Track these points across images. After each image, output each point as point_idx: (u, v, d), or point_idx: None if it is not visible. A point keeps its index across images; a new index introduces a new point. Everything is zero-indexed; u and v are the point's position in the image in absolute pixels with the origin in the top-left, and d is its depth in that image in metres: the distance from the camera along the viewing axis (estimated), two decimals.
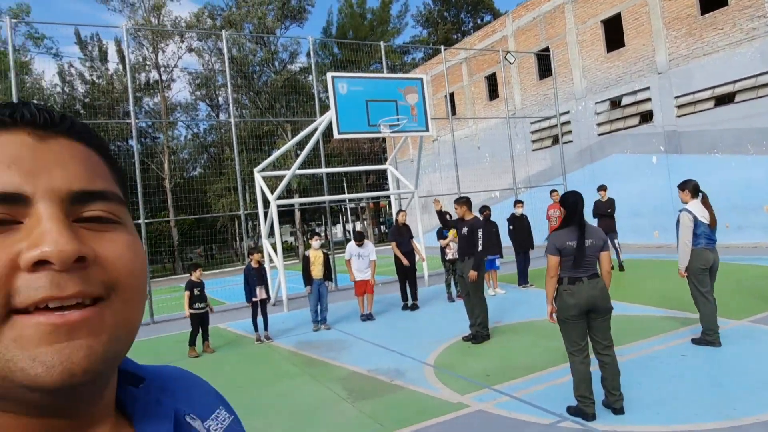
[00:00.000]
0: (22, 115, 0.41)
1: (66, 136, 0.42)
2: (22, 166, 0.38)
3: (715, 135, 12.98)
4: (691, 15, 13.36)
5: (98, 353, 0.37)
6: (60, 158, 0.40)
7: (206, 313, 6.93)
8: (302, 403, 4.45)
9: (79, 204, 0.40)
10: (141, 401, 0.48)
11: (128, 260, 0.41)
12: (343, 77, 8.17)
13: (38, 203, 0.38)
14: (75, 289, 0.36)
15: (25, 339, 0.35)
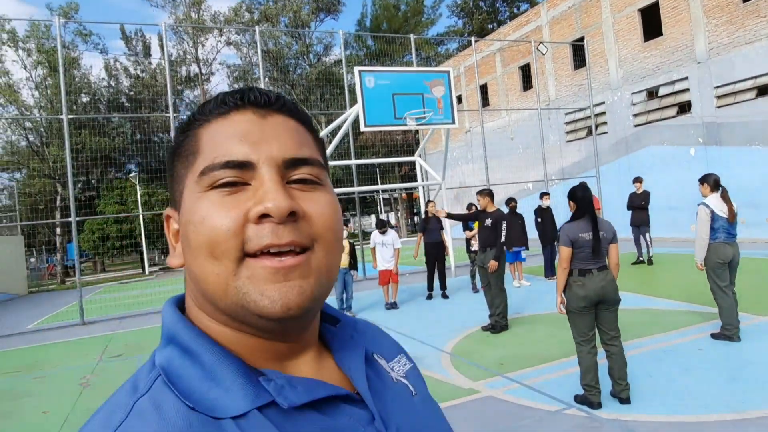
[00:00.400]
0: (249, 98, 0.50)
1: (280, 112, 0.51)
2: (249, 139, 0.48)
3: (757, 127, 12.47)
4: (732, 2, 12.82)
5: (307, 292, 0.45)
6: (276, 131, 0.49)
7: None
8: None
9: (291, 168, 0.48)
10: (338, 336, 0.57)
11: (328, 217, 0.48)
12: (371, 71, 8.32)
13: (261, 168, 0.47)
14: (289, 238, 0.45)
15: (256, 277, 0.44)
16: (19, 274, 19.47)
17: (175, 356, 0.47)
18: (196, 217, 0.46)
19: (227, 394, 0.44)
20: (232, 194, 0.46)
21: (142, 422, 0.41)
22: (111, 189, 29.83)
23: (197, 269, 0.46)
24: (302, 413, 0.46)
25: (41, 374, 6.12)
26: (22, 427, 4.33)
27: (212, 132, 0.49)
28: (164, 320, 0.51)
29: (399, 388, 0.57)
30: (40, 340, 8.46)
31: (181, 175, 0.51)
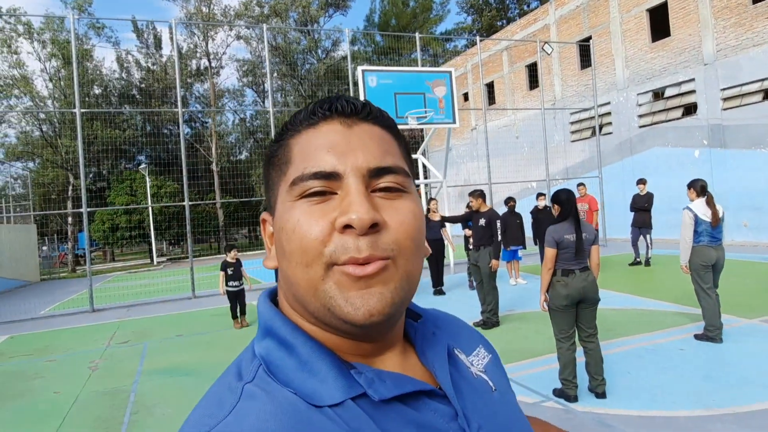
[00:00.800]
0: (336, 107, 0.52)
1: (366, 120, 0.53)
2: (337, 150, 0.49)
3: (762, 130, 12.49)
4: (741, 4, 12.81)
5: (388, 299, 0.47)
6: (361, 141, 0.50)
7: (241, 291, 7.52)
8: None
9: (376, 177, 0.50)
10: (420, 332, 0.59)
11: (409, 225, 0.49)
12: (374, 71, 8.50)
13: (348, 178, 0.48)
14: (367, 252, 0.46)
15: (341, 284, 0.46)
16: (31, 261, 19.93)
17: (273, 348, 0.50)
18: (288, 226, 0.49)
19: (322, 384, 0.47)
20: (320, 203, 0.48)
21: (256, 403, 0.44)
22: (121, 180, 30.27)
23: (290, 274, 0.49)
24: (390, 406, 0.48)
25: (53, 358, 6.42)
26: (35, 406, 4.60)
27: (302, 142, 0.51)
28: (261, 313, 0.55)
29: (479, 383, 0.58)
30: (51, 326, 8.79)
31: (274, 182, 0.54)
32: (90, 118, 29.78)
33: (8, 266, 16.49)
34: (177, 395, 4.64)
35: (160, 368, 5.56)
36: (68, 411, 4.38)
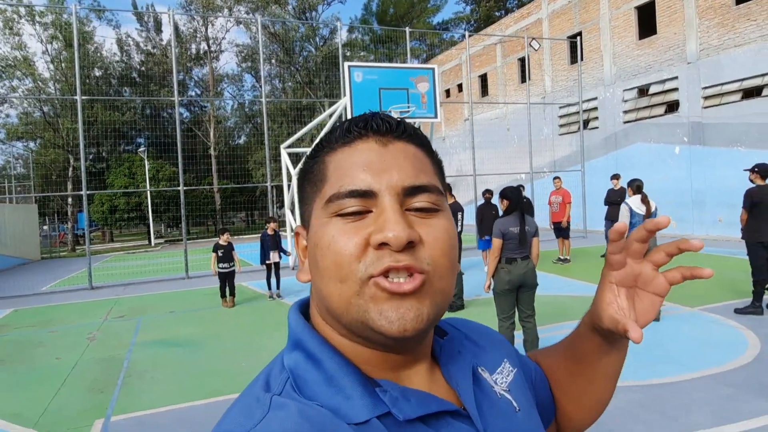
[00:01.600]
0: (372, 126, 0.53)
1: (401, 139, 0.54)
2: (372, 168, 0.51)
3: (740, 129, 12.94)
4: (725, 4, 13.17)
5: (423, 315, 0.48)
6: (396, 160, 0.52)
7: (231, 272, 8.04)
8: None
9: (410, 196, 0.51)
10: (445, 350, 0.59)
11: (443, 242, 0.51)
12: (359, 66, 8.93)
13: (383, 197, 0.50)
14: (406, 261, 0.47)
15: (377, 298, 0.48)
16: (32, 240, 20.46)
17: (301, 360, 0.51)
18: (323, 242, 0.49)
19: (348, 401, 0.48)
20: (355, 221, 0.49)
21: (284, 414, 0.45)
22: (120, 162, 30.69)
23: (324, 288, 0.50)
24: (414, 426, 0.48)
25: (54, 329, 6.98)
26: (38, 370, 5.15)
27: (338, 160, 0.52)
28: (291, 325, 0.56)
29: (503, 403, 0.58)
30: (53, 301, 9.35)
31: (309, 197, 0.55)
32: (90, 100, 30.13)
33: (11, 244, 17.03)
34: (166, 362, 5.19)
35: (152, 340, 6.11)
36: (68, 374, 4.93)
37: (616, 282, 0.58)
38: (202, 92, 36.59)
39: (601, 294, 0.59)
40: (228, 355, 5.35)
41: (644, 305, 0.57)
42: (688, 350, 4.67)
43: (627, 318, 0.56)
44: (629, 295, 0.58)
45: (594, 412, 0.73)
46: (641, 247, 0.56)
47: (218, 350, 5.57)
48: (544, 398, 0.71)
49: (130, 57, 35.99)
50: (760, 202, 5.47)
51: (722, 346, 4.70)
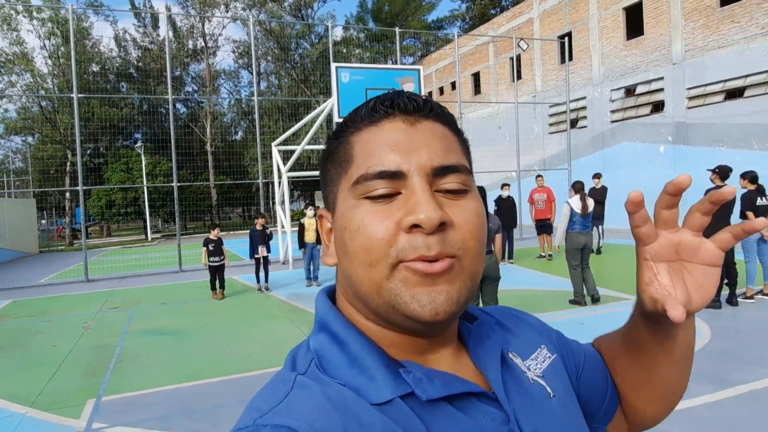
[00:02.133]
0: (398, 104, 0.51)
1: (428, 118, 0.52)
2: (401, 149, 0.49)
3: (722, 129, 13.25)
4: (710, 6, 13.46)
5: (453, 297, 0.47)
6: (425, 139, 0.50)
7: (221, 266, 8.36)
8: (274, 337, 5.79)
9: (439, 176, 0.49)
10: (474, 335, 0.58)
11: (473, 224, 0.49)
12: (346, 67, 9.23)
13: (412, 178, 0.48)
14: (437, 250, 0.46)
15: (408, 281, 0.47)
16: (31, 234, 20.75)
17: (326, 342, 0.52)
18: (351, 225, 0.49)
19: (370, 382, 0.48)
20: (385, 204, 0.48)
21: (307, 392, 0.46)
22: (118, 158, 30.93)
23: (352, 272, 0.50)
24: (439, 406, 0.48)
25: (51, 319, 7.30)
26: (35, 356, 5.47)
27: (364, 140, 0.51)
28: (318, 308, 0.56)
29: (535, 389, 0.56)
30: (50, 293, 9.66)
31: (334, 179, 0.54)
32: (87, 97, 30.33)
33: (9, 238, 17.32)
34: (157, 349, 5.52)
35: (144, 329, 6.43)
36: (63, 360, 5.25)
37: (651, 258, 0.53)
38: (199, 88, 36.83)
39: (639, 274, 0.54)
40: (215, 343, 5.68)
41: (696, 279, 0.51)
42: None
43: (667, 295, 0.51)
44: (673, 270, 0.52)
45: (664, 404, 0.68)
46: (671, 214, 0.52)
47: (206, 339, 5.90)
48: (598, 385, 0.67)
49: (128, 53, 36.16)
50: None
51: None
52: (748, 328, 5.14)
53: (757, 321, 5.38)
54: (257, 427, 0.43)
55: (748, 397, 3.54)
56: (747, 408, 3.37)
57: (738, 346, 4.62)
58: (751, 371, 3.97)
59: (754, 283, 6.12)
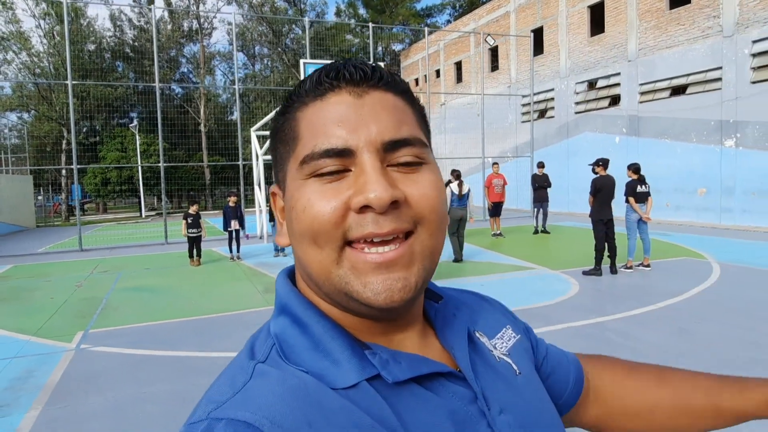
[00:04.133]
0: (344, 75, 0.48)
1: (378, 88, 0.49)
2: (348, 124, 0.46)
3: (667, 122, 14.38)
4: (660, 8, 14.47)
5: (411, 283, 0.45)
6: (374, 112, 0.47)
7: (198, 237, 9.54)
8: (234, 294, 7.00)
9: (391, 151, 0.46)
10: (440, 314, 0.57)
11: (431, 198, 0.47)
12: (313, 63, 10.31)
13: (361, 155, 0.45)
14: (390, 227, 0.44)
15: (358, 269, 0.45)
16: (27, 209, 21.85)
17: (287, 326, 0.50)
18: (298, 205, 0.47)
19: (335, 366, 0.46)
20: (332, 182, 0.46)
21: (266, 382, 0.44)
22: (113, 137, 31.88)
23: (301, 254, 0.48)
24: (407, 387, 0.47)
25: (49, 279, 8.50)
26: (36, 305, 6.67)
27: (309, 116, 0.48)
28: (278, 291, 0.54)
29: (502, 367, 0.56)
30: (47, 260, 10.86)
31: (283, 157, 0.51)
32: (83, 75, 31.13)
33: (7, 212, 18.44)
34: (136, 301, 6.72)
35: (127, 287, 7.64)
36: (59, 307, 6.45)
37: None
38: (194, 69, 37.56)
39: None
40: (182, 297, 6.89)
41: None
42: (527, 297, 6.21)
43: None
44: None
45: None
46: None
47: (175, 294, 7.11)
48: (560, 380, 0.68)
49: (123, 32, 36.79)
50: (602, 188, 6.98)
51: (553, 293, 6.25)
52: (609, 290, 6.37)
53: (621, 285, 6.61)
54: (211, 421, 0.41)
55: (570, 332, 4.76)
56: (570, 343, 4.60)
57: (589, 301, 5.85)
58: (582, 317, 5.19)
59: (633, 256, 7.33)
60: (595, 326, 4.91)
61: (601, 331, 4.76)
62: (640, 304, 5.60)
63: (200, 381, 3.87)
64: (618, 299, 5.96)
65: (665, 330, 4.72)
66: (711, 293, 6.00)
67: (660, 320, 5.04)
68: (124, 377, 4.03)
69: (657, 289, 6.32)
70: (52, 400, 3.63)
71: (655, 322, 5.00)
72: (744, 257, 8.21)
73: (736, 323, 4.81)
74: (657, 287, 6.40)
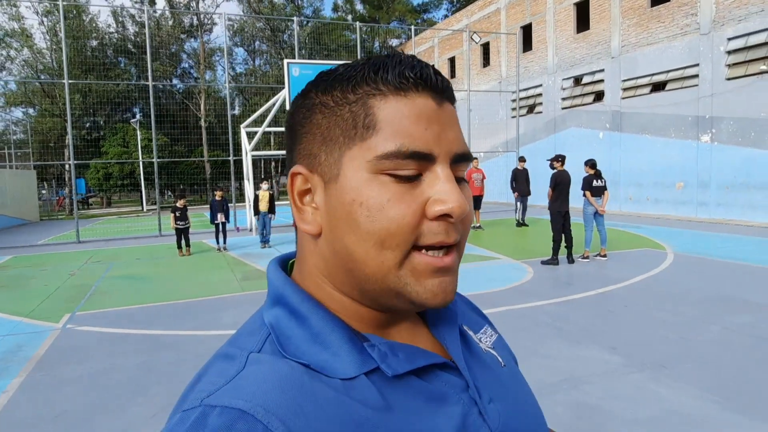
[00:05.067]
0: (430, 79, 0.47)
1: (448, 99, 0.49)
2: (433, 130, 0.46)
3: (648, 118, 14.74)
4: (642, 6, 14.80)
5: (456, 285, 0.49)
6: (450, 122, 0.48)
7: (186, 228, 10.06)
8: (215, 281, 7.51)
9: (456, 164, 0.48)
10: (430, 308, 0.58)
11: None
12: (296, 63, 10.74)
13: (440, 163, 0.46)
14: (455, 237, 0.47)
15: (419, 272, 0.46)
16: (31, 203, 22.50)
17: (283, 317, 0.49)
18: (372, 202, 0.45)
19: (335, 358, 0.46)
20: (408, 185, 0.46)
21: (259, 370, 0.43)
22: (115, 132, 32.48)
23: (359, 252, 0.46)
24: (403, 378, 0.48)
25: (45, 269, 9.05)
26: (31, 291, 7.21)
27: (392, 110, 0.46)
28: (271, 281, 0.53)
29: (489, 358, 0.59)
30: (45, 251, 11.42)
31: (337, 139, 0.47)
32: (85, 71, 31.73)
33: (11, 206, 19.07)
34: (124, 288, 7.25)
35: (117, 275, 8.17)
36: (51, 293, 6.98)
37: None
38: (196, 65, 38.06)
39: None
40: (165, 284, 7.40)
41: None
42: (482, 284, 6.67)
43: None
44: None
45: None
46: None
47: (160, 281, 7.63)
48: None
49: (125, 28, 37.30)
50: (560, 183, 7.42)
51: (506, 280, 6.72)
52: (559, 278, 6.83)
53: (573, 274, 7.06)
54: (205, 408, 0.41)
55: (507, 313, 5.23)
56: (503, 321, 5.07)
57: (535, 288, 6.31)
58: (523, 301, 5.65)
59: (590, 246, 7.78)
60: (531, 309, 5.38)
61: (535, 313, 5.23)
62: (581, 290, 6.06)
63: (164, 354, 4.38)
64: (563, 286, 6.42)
65: (592, 313, 5.18)
66: (651, 280, 6.45)
67: (593, 304, 5.50)
68: (100, 351, 4.54)
69: (604, 276, 6.78)
70: (36, 369, 4.15)
71: (588, 305, 5.46)
72: (702, 248, 8.63)
73: (661, 307, 5.27)
74: (604, 275, 6.86)
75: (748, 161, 12.06)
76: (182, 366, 4.12)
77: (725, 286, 6.04)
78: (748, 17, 11.99)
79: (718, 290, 5.85)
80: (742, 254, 7.99)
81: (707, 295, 5.67)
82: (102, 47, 35.65)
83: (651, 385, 3.41)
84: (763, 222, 11.64)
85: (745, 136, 12.11)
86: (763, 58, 11.71)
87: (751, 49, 11.97)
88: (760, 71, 11.74)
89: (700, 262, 7.49)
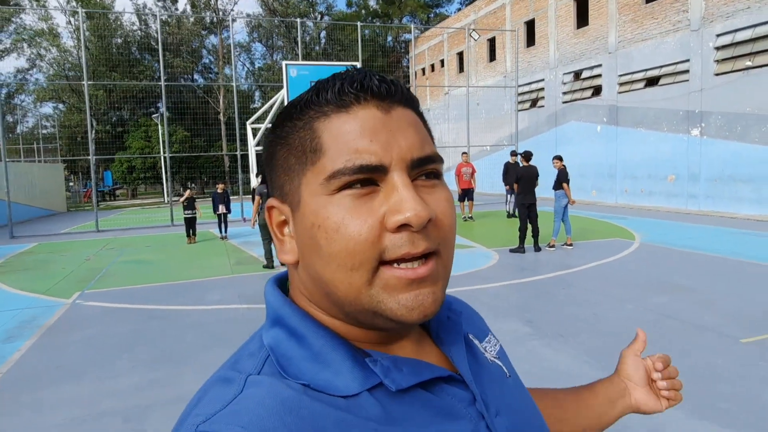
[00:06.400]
0: (371, 88, 0.46)
1: (400, 103, 0.48)
2: (379, 139, 0.45)
3: (642, 112, 15.02)
4: (637, 2, 15.03)
5: (438, 297, 0.46)
6: (400, 128, 0.46)
7: (193, 218, 10.93)
8: (211, 265, 8.33)
9: (417, 168, 0.46)
10: (435, 318, 0.57)
11: (450, 216, 0.47)
12: (294, 64, 11.46)
13: (393, 172, 0.45)
14: (424, 246, 0.44)
15: (391, 287, 0.44)
16: (59, 195, 23.90)
17: (283, 338, 0.48)
18: (329, 223, 0.44)
19: (337, 377, 0.45)
20: (364, 197, 0.45)
21: (257, 394, 0.42)
22: (138, 126, 33.91)
23: (326, 275, 0.46)
24: (407, 393, 0.47)
25: (64, 254, 10.05)
26: (50, 273, 8.15)
27: (334, 129, 0.46)
28: (269, 302, 0.52)
29: (494, 369, 0.58)
30: (66, 239, 12.50)
31: (293, 168, 0.48)
32: (111, 67, 33.17)
33: (39, 198, 20.40)
34: (132, 270, 8.13)
35: (127, 260, 9.08)
36: (67, 275, 7.91)
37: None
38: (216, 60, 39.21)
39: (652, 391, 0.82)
40: (168, 267, 8.26)
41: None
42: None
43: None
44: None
45: None
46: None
47: (164, 265, 8.50)
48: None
49: (148, 26, 38.65)
50: (522, 177, 7.98)
51: (470, 266, 7.33)
52: (519, 264, 7.41)
53: (535, 261, 7.63)
54: None
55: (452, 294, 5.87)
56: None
57: (492, 273, 6.91)
58: (475, 284, 6.27)
59: (557, 236, 8.32)
60: (476, 290, 6.01)
61: (477, 294, 5.86)
62: (533, 275, 6.66)
63: (152, 323, 5.19)
64: (518, 270, 7.02)
65: (530, 294, 5.79)
66: (605, 267, 6.99)
67: (537, 287, 6.10)
68: (100, 322, 5.38)
69: (561, 263, 7.34)
70: (45, 334, 5.00)
71: (531, 288, 6.07)
72: (671, 239, 9.07)
73: (601, 290, 5.83)
74: (563, 262, 7.42)
75: (734, 155, 12.31)
76: (167, 332, 4.91)
77: (667, 272, 6.55)
78: (735, 14, 12.20)
79: (659, 275, 6.37)
80: (703, 244, 8.42)
81: (646, 279, 6.20)
82: (126, 44, 37.07)
83: (542, 349, 4.04)
84: (747, 214, 11.92)
85: (732, 130, 12.35)
86: (748, 54, 11.92)
87: (738, 45, 12.19)
88: (746, 67, 11.96)
89: (660, 251, 7.97)
